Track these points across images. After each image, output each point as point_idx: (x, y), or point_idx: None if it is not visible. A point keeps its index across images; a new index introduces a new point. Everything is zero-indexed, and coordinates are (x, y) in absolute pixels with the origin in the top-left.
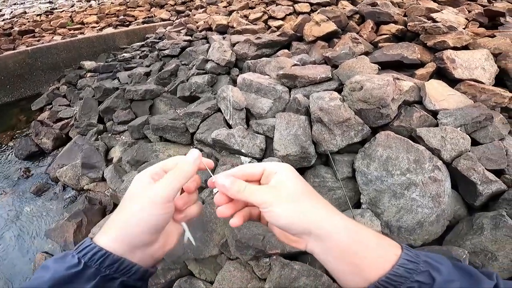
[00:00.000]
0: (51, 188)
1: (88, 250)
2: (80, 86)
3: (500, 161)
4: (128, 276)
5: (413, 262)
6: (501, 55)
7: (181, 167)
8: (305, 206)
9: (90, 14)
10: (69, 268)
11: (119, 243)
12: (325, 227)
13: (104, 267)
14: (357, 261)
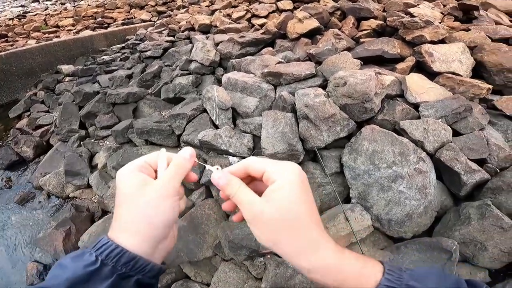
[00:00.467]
0: (35, 197)
1: (105, 248)
2: (59, 91)
3: (481, 151)
4: (143, 274)
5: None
6: (477, 48)
7: (179, 163)
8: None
9: (65, 17)
10: (86, 266)
11: (144, 241)
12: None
13: (120, 265)
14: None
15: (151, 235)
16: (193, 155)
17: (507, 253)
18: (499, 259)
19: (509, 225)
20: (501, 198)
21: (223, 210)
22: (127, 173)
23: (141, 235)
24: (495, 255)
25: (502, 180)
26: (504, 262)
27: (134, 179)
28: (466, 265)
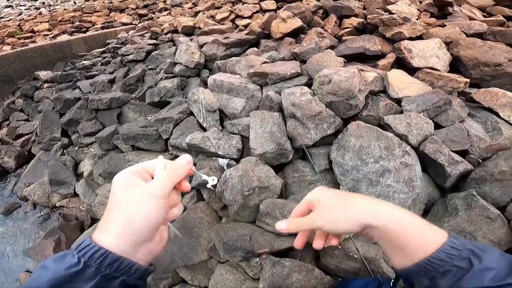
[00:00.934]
0: (20, 208)
1: (88, 249)
2: (38, 98)
3: (463, 142)
4: (129, 275)
5: (456, 249)
6: (452, 43)
7: (176, 167)
8: (351, 208)
9: (40, 21)
10: (69, 267)
11: (123, 240)
12: (370, 223)
13: (104, 266)
14: (402, 246)
15: (131, 235)
16: (190, 162)
17: (497, 243)
18: None
19: (496, 214)
20: (485, 188)
21: (296, 247)
22: (122, 176)
23: (120, 234)
24: None
25: (485, 170)
26: None
27: (125, 182)
28: None
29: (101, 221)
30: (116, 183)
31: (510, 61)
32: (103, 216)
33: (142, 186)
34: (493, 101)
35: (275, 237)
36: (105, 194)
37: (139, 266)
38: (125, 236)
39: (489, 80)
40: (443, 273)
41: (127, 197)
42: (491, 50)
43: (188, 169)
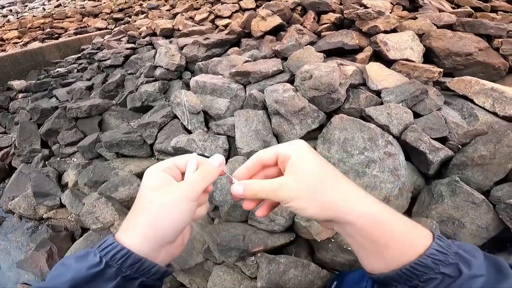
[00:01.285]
0: (7, 221)
1: (110, 249)
2: (13, 109)
3: (441, 129)
4: (148, 276)
5: (443, 253)
6: (425, 35)
7: (208, 169)
8: (325, 195)
9: (9, 29)
10: (90, 267)
11: (147, 243)
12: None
13: (126, 267)
14: (380, 249)
15: (156, 238)
16: (223, 163)
17: (485, 229)
18: (479, 235)
19: (480, 199)
20: (467, 173)
21: (245, 208)
22: (152, 172)
23: (145, 237)
24: (474, 231)
25: (465, 156)
26: (485, 238)
27: (156, 179)
28: None
29: (126, 219)
30: (146, 180)
31: (480, 51)
32: (128, 214)
33: (173, 187)
34: (467, 89)
35: (268, 235)
36: (92, 203)
37: (159, 267)
38: (150, 239)
39: (462, 69)
40: (426, 281)
41: (156, 198)
42: (461, 40)
43: (220, 170)
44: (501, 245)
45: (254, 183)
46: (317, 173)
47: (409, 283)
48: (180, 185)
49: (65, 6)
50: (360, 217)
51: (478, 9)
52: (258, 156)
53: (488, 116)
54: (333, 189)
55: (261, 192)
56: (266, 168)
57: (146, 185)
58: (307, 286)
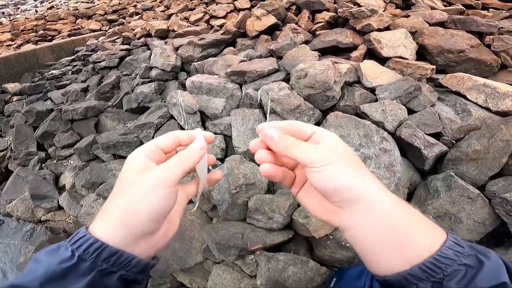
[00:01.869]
0: (5, 224)
1: (82, 242)
2: (8, 112)
3: (435, 125)
4: (128, 270)
5: (459, 245)
6: (417, 33)
7: (188, 153)
8: (359, 171)
9: (1, 32)
10: (62, 262)
11: (121, 233)
12: (378, 198)
13: (101, 261)
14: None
15: (132, 227)
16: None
17: (481, 223)
18: (476, 230)
19: (476, 194)
20: (462, 168)
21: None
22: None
23: (120, 226)
24: (471, 226)
25: (459, 151)
26: (482, 233)
27: (136, 164)
28: None
29: (103, 207)
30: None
31: (472, 47)
32: (106, 202)
33: (148, 173)
34: (460, 85)
35: (266, 233)
36: (90, 204)
37: (139, 260)
38: (125, 228)
39: (455, 66)
40: (450, 274)
41: (133, 183)
42: (453, 37)
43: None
44: (498, 239)
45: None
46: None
47: (433, 278)
48: (154, 170)
49: (58, 8)
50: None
51: (469, 7)
52: (297, 124)
53: (481, 111)
54: (365, 172)
55: (296, 147)
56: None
57: (128, 168)
58: (306, 283)
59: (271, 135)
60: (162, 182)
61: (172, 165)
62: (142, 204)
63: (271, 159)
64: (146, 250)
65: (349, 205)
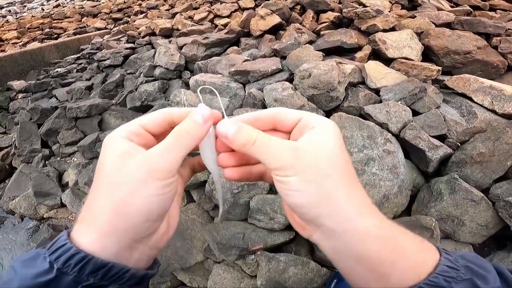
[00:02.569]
0: (8, 220)
1: (62, 252)
2: (13, 109)
3: (440, 127)
4: (122, 283)
5: (453, 268)
6: (423, 33)
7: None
8: (331, 188)
9: (8, 29)
10: (38, 275)
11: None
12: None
13: (86, 275)
14: (383, 270)
15: (123, 230)
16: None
17: (484, 226)
18: (479, 233)
19: (479, 197)
20: (466, 171)
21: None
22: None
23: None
24: (474, 229)
25: (464, 153)
26: (484, 236)
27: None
28: (449, 242)
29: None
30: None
31: (479, 49)
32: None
33: (139, 159)
34: (466, 87)
35: (268, 233)
36: None
37: (135, 271)
38: (116, 234)
39: (461, 67)
40: None
41: (119, 174)
42: (460, 39)
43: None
44: (501, 243)
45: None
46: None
47: None
48: (145, 156)
49: (64, 6)
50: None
51: (477, 8)
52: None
53: (487, 113)
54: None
55: (256, 145)
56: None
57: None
58: (306, 284)
59: (224, 132)
60: (156, 173)
61: (168, 148)
62: (135, 201)
63: (235, 161)
64: (145, 253)
65: (311, 225)
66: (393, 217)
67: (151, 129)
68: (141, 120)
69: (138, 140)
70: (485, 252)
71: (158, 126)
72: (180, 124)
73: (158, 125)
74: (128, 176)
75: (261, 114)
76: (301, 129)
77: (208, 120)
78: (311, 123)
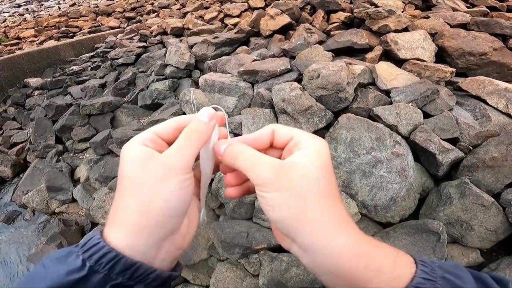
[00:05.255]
0: (21, 215)
1: (95, 251)
2: (29, 106)
3: (452, 130)
4: (146, 284)
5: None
6: (437, 34)
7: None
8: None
9: (25, 28)
10: (70, 272)
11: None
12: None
13: (115, 274)
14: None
15: (150, 229)
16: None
17: (493, 232)
18: (487, 238)
19: (490, 202)
20: (477, 175)
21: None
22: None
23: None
24: (482, 234)
25: (476, 157)
26: (493, 241)
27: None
28: (457, 246)
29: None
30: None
31: (495, 50)
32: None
33: (155, 161)
34: (480, 89)
35: (271, 233)
36: (102, 197)
37: (160, 272)
38: (143, 232)
39: (476, 69)
40: None
41: (140, 176)
42: (475, 40)
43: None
44: (510, 248)
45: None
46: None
47: None
48: (162, 157)
49: (79, 5)
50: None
51: (493, 9)
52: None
53: (501, 117)
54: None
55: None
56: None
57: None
58: (308, 285)
59: (217, 149)
60: (174, 169)
61: (181, 146)
62: (158, 199)
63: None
64: (171, 253)
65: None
66: (399, 220)
67: (165, 136)
68: (155, 129)
69: (153, 146)
70: (493, 257)
71: (171, 133)
72: (188, 126)
73: (171, 132)
74: (149, 177)
75: (261, 132)
76: (290, 148)
77: (212, 118)
78: (300, 144)
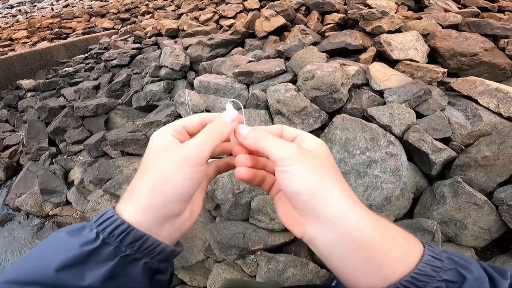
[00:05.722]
0: (14, 218)
1: (109, 223)
2: (22, 108)
3: (445, 130)
4: (152, 257)
5: (438, 259)
6: (429, 35)
7: (217, 127)
8: (329, 180)
9: (18, 29)
10: (84, 244)
11: (149, 214)
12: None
13: (125, 245)
14: (378, 258)
15: (159, 208)
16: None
17: (487, 230)
18: (481, 237)
19: (483, 201)
20: (470, 174)
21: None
22: (159, 134)
23: (146, 206)
24: (476, 233)
25: (468, 157)
26: (487, 240)
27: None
28: (451, 245)
29: (128, 189)
30: (153, 142)
31: (486, 51)
32: (131, 182)
33: (177, 149)
34: (472, 89)
35: (268, 234)
36: (96, 200)
37: (165, 246)
38: (152, 209)
39: (467, 69)
40: None
41: (159, 161)
42: (467, 40)
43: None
44: (504, 247)
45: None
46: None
47: None
48: (182, 147)
49: (73, 6)
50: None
51: (485, 9)
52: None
53: (493, 116)
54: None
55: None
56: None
57: (150, 149)
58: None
59: (241, 131)
60: (190, 160)
61: (200, 141)
62: (170, 183)
63: (250, 163)
64: (171, 234)
65: (309, 215)
66: (394, 219)
67: (190, 129)
68: (182, 121)
69: (179, 136)
70: (487, 256)
71: (195, 127)
72: (212, 123)
73: (195, 126)
74: (169, 161)
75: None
76: (298, 142)
77: (235, 121)
78: (305, 140)
